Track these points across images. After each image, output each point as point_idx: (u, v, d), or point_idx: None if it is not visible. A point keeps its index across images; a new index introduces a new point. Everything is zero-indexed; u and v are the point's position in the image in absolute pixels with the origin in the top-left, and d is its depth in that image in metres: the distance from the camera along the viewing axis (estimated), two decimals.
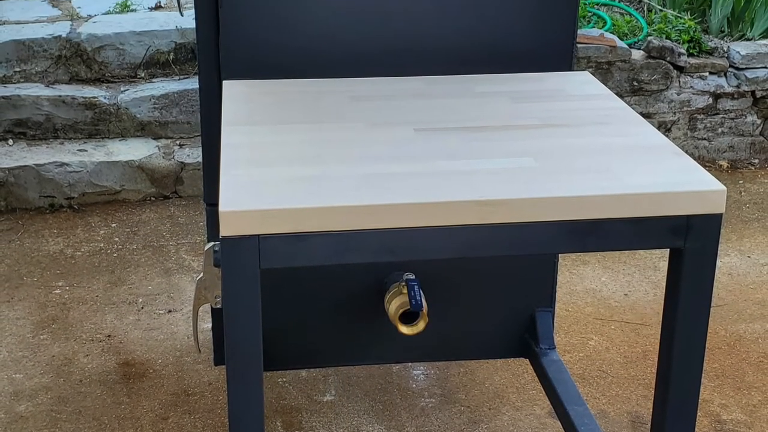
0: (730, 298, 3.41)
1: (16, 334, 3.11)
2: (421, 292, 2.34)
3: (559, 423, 2.44)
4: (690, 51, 4.45)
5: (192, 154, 4.08)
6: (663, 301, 1.78)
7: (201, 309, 2.00)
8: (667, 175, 1.72)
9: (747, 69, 4.46)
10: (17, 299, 3.31)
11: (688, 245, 1.68)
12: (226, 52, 2.23)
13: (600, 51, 4.33)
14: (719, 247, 1.72)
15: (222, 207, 1.57)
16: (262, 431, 1.70)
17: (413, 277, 2.38)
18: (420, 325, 2.34)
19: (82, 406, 2.78)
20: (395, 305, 2.34)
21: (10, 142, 4.08)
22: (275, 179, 1.67)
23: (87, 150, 4.06)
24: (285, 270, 1.71)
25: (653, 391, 1.85)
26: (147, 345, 3.07)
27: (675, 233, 1.68)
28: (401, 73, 2.22)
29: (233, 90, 2.11)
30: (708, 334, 1.76)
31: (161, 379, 2.90)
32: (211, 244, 1.79)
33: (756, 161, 4.58)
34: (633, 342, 3.12)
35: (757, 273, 3.58)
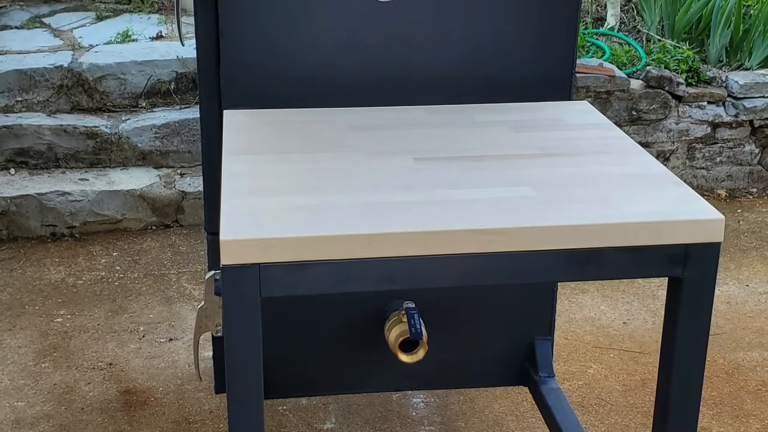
0: (728, 326, 3.41)
1: (17, 362, 3.12)
2: (421, 320, 2.34)
3: None
4: (688, 80, 4.47)
5: (193, 183, 4.10)
6: (662, 330, 1.78)
7: (202, 337, 2.01)
8: (666, 204, 1.73)
9: (745, 98, 4.48)
10: (19, 327, 3.31)
11: (686, 274, 1.69)
12: (226, 81, 2.24)
13: (599, 80, 4.34)
14: (717, 276, 1.72)
15: (223, 236, 1.58)
16: None
17: (413, 306, 2.38)
18: (420, 354, 2.35)
19: None
20: (395, 333, 2.35)
21: (12, 171, 4.10)
22: (276, 208, 1.68)
23: (88, 179, 4.08)
24: (285, 298, 1.71)
25: (652, 420, 1.85)
26: (148, 373, 3.07)
27: (674, 262, 1.68)
28: (401, 103, 2.23)
29: (234, 119, 2.12)
30: (706, 362, 1.77)
31: (162, 407, 2.90)
32: (212, 272, 1.80)
33: (754, 190, 4.59)
34: (632, 370, 3.12)
35: (756, 301, 3.59)
